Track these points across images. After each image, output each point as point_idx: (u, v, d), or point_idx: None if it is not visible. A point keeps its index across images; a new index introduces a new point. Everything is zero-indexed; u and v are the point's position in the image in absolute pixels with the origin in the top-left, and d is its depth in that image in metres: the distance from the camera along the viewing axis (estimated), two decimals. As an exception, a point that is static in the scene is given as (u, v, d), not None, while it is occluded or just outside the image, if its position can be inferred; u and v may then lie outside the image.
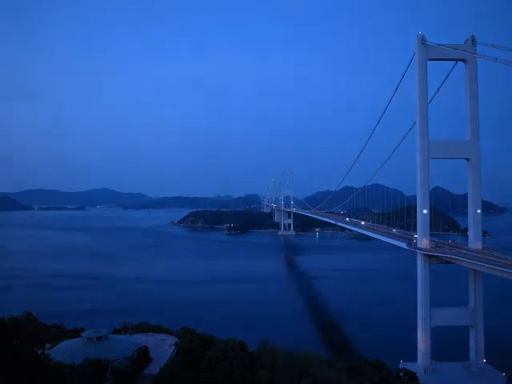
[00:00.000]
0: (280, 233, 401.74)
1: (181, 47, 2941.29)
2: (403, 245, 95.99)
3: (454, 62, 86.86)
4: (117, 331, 67.49)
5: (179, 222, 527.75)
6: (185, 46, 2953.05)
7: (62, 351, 52.67)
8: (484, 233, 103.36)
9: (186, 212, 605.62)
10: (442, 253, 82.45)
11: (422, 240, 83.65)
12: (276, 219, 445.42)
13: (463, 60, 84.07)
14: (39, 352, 48.19)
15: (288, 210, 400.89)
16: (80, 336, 58.06)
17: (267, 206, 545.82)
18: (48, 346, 55.79)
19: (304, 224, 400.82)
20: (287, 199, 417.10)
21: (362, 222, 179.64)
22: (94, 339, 56.13)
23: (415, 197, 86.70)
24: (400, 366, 74.42)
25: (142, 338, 63.85)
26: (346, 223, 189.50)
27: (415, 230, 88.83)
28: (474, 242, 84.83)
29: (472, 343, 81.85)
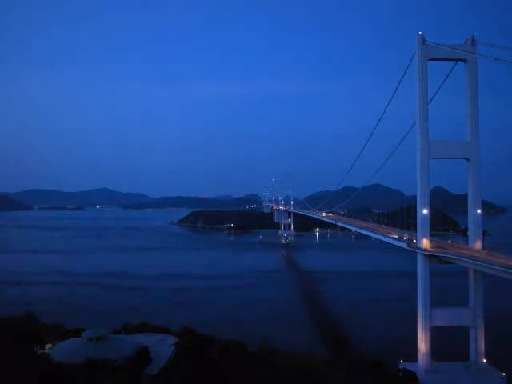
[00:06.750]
0: (280, 233, 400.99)
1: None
2: (403, 245, 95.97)
3: (454, 62, 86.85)
4: (117, 331, 67.43)
5: (179, 222, 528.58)
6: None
7: (62, 351, 52.58)
8: (484, 233, 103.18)
9: (185, 212, 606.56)
10: (442, 253, 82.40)
11: (422, 240, 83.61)
12: (276, 219, 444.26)
13: (463, 60, 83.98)
14: (39, 352, 48.26)
15: (288, 209, 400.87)
16: (80, 336, 58.06)
17: (267, 206, 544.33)
18: (48, 346, 55.76)
19: (304, 224, 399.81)
20: (287, 199, 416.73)
21: (361, 222, 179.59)
22: (95, 339, 56.01)
23: (415, 197, 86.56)
24: (400, 366, 74.41)
25: (142, 338, 63.66)
26: (345, 223, 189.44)
27: (415, 229, 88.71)
28: (474, 241, 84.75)
29: (472, 343, 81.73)
